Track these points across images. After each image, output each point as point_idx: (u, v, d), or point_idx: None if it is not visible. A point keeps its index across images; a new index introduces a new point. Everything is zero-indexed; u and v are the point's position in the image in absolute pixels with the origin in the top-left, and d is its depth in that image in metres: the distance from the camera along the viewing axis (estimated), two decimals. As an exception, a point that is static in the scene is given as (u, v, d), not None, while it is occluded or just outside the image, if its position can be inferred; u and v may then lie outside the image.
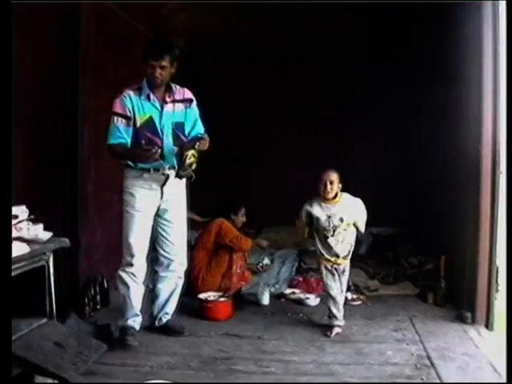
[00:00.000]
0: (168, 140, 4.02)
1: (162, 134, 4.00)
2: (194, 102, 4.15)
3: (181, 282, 4.30)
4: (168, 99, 4.03)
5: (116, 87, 4.27)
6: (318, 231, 4.34)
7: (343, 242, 4.27)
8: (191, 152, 3.85)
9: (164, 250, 4.19)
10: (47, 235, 2.83)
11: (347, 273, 4.37)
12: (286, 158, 7.29)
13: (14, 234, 2.67)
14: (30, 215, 2.83)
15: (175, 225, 4.16)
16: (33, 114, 4.16)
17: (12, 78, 2.71)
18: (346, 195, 4.32)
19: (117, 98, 3.96)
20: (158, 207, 4.08)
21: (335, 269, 4.32)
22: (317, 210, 4.31)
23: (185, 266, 4.31)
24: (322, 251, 4.33)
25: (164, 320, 4.28)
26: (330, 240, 4.26)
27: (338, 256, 4.28)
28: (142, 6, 5.68)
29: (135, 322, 4.10)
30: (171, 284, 4.25)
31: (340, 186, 4.28)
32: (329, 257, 4.31)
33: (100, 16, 4.94)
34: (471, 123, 4.50)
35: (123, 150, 3.94)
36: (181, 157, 3.89)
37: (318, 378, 3.48)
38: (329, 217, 4.26)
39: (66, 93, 4.66)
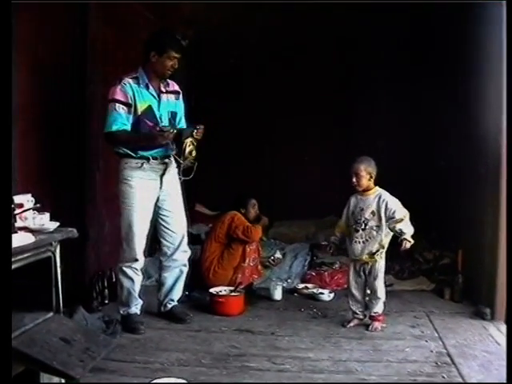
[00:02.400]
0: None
1: (161, 122, 4.06)
2: (181, 95, 4.27)
3: (185, 269, 4.38)
4: (163, 89, 4.13)
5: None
6: (350, 225, 4.25)
7: (372, 239, 4.12)
8: (190, 140, 3.96)
9: (166, 240, 4.26)
10: (54, 225, 2.72)
11: (379, 279, 4.18)
12: (298, 151, 7.15)
13: (19, 223, 2.56)
14: (35, 204, 2.72)
15: (174, 213, 4.23)
16: (40, 103, 4.10)
17: (12, 68, 2.61)
18: (382, 191, 4.18)
19: (116, 86, 3.96)
20: (157, 198, 4.13)
21: (363, 270, 4.21)
22: (352, 202, 4.27)
23: (188, 254, 4.37)
24: (349, 249, 4.24)
25: (169, 306, 4.37)
26: (360, 234, 4.15)
27: (362, 253, 4.14)
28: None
29: (137, 307, 4.22)
30: (176, 272, 4.34)
31: (372, 177, 4.14)
32: (354, 256, 4.20)
33: (109, 3, 4.83)
34: (491, 113, 4.36)
35: (130, 136, 3.99)
36: (180, 145, 3.98)
37: (335, 375, 3.35)
38: (361, 210, 4.17)
39: (74, 82, 4.60)
